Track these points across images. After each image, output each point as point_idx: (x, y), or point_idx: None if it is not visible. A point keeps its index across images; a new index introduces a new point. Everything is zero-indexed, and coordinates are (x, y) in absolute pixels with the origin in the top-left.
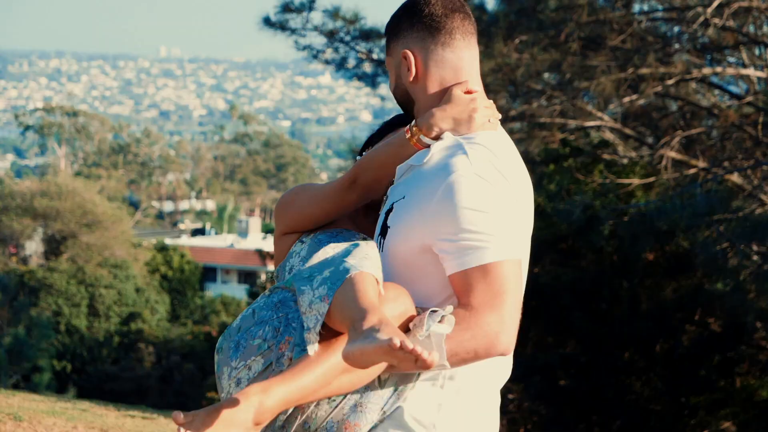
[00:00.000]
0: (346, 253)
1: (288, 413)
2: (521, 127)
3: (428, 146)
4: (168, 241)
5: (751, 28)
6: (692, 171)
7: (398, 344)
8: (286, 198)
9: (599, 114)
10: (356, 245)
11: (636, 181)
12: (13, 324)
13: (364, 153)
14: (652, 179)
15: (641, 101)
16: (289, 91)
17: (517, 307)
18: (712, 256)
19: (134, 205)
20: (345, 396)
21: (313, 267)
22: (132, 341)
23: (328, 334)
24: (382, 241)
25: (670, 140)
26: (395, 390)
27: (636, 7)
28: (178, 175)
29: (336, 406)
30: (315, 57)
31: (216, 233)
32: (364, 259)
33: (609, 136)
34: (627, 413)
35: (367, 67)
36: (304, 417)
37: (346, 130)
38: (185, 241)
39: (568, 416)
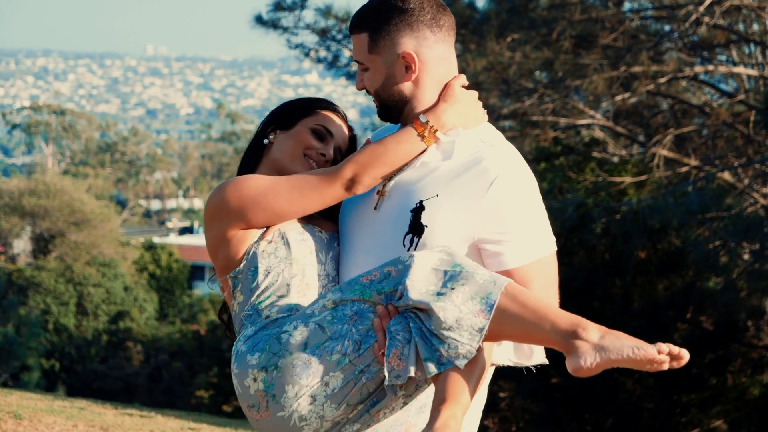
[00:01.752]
0: (450, 261)
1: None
2: (513, 125)
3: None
4: (156, 239)
5: (741, 26)
6: (684, 169)
7: (667, 350)
8: (247, 191)
9: (591, 112)
10: (438, 249)
11: (628, 179)
12: (1, 323)
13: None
14: (644, 177)
15: (633, 99)
16: (276, 90)
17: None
18: (704, 254)
19: (121, 204)
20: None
21: (415, 279)
22: (120, 340)
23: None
24: (416, 239)
25: (662, 138)
26: None
27: (627, 5)
28: (166, 173)
29: (406, 409)
30: (307, 55)
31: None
32: (477, 265)
33: (599, 134)
34: (619, 411)
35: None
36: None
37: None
38: (173, 239)
39: (561, 414)
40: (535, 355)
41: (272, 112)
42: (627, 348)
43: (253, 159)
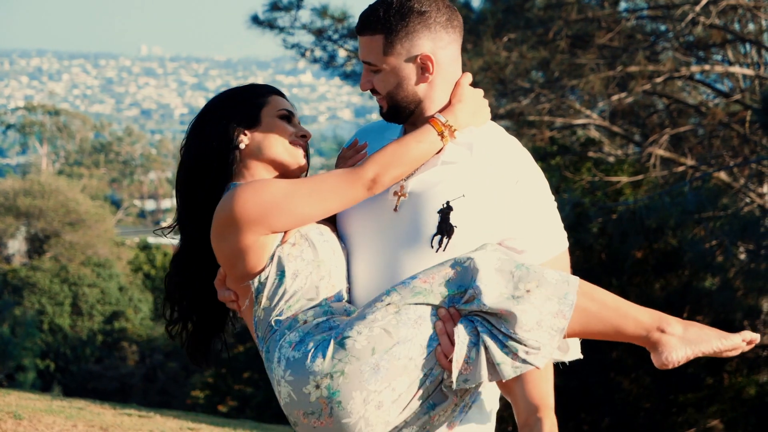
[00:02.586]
0: (509, 260)
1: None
2: (509, 125)
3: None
4: (151, 239)
5: (737, 26)
6: (680, 169)
7: (749, 338)
8: (269, 197)
9: (587, 112)
10: (492, 248)
11: (624, 178)
12: None
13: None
14: (640, 177)
15: (629, 99)
16: None
17: None
18: (701, 253)
19: (116, 204)
20: None
21: (486, 282)
22: (115, 340)
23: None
24: (445, 240)
25: (658, 138)
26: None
27: (623, 5)
28: (160, 173)
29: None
30: (303, 55)
31: None
32: (538, 264)
33: (595, 134)
34: (616, 411)
35: (356, 66)
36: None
37: (328, 129)
38: (168, 239)
39: (557, 414)
40: (571, 350)
41: (218, 115)
42: (715, 340)
43: (223, 167)
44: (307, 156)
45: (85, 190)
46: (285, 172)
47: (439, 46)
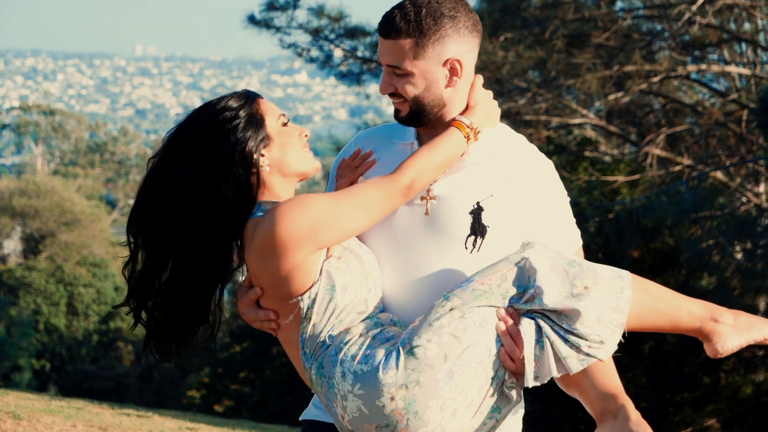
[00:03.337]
0: (560, 257)
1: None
2: (506, 124)
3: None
4: None
5: (733, 26)
6: (677, 168)
7: None
8: (315, 214)
9: (584, 111)
10: (541, 246)
11: (621, 178)
12: None
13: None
14: (637, 176)
15: (626, 99)
16: (266, 90)
17: None
18: (698, 253)
19: (111, 204)
20: None
21: (545, 281)
22: (111, 340)
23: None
24: (479, 241)
25: (654, 137)
26: None
27: (618, 5)
28: None
29: None
30: (299, 55)
31: None
32: (588, 261)
33: (591, 133)
34: None
35: (351, 65)
36: None
37: (323, 129)
38: None
39: (554, 414)
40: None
41: (225, 138)
42: (764, 327)
43: (248, 192)
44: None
45: (80, 190)
46: (303, 179)
47: (465, 50)
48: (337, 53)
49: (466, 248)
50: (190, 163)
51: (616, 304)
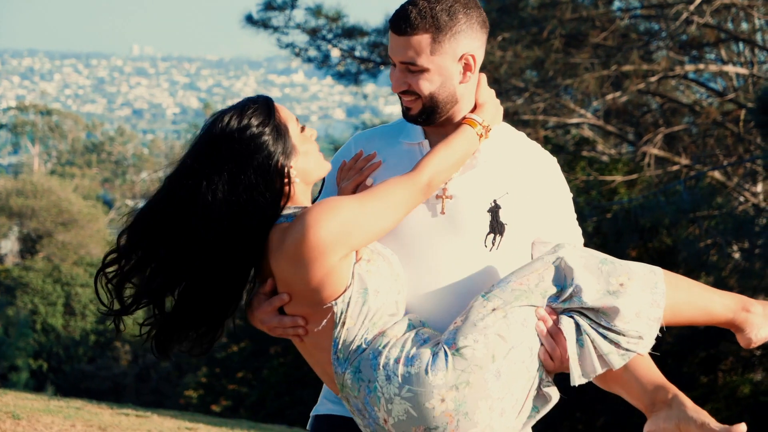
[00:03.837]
0: (591, 255)
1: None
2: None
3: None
4: None
5: (730, 25)
6: (675, 168)
7: None
8: (347, 216)
9: (582, 111)
10: (570, 246)
11: (619, 178)
12: None
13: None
14: (635, 176)
15: (623, 98)
16: (263, 90)
17: None
18: (695, 252)
19: (108, 204)
20: None
21: (583, 279)
22: (108, 340)
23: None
24: (498, 238)
25: (652, 137)
26: None
27: (616, 4)
28: (152, 173)
29: None
30: (297, 55)
31: None
32: (623, 260)
33: (588, 133)
34: (610, 410)
35: (348, 65)
36: None
37: (320, 128)
38: None
39: (552, 413)
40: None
41: (264, 155)
42: None
43: (278, 203)
44: None
45: (77, 190)
46: (317, 183)
47: (477, 45)
48: (335, 53)
49: (486, 246)
50: (224, 182)
51: (653, 299)
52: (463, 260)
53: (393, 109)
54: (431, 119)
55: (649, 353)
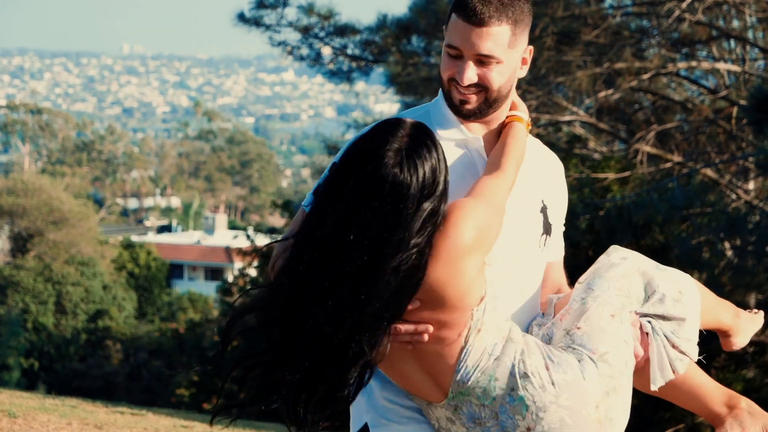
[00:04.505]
0: (652, 261)
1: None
2: None
3: None
4: (134, 238)
5: (722, 23)
6: (667, 165)
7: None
8: (480, 221)
9: (574, 108)
10: (624, 253)
11: (612, 175)
12: None
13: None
14: (627, 174)
15: (616, 96)
16: (253, 88)
17: None
18: (688, 250)
19: (99, 203)
20: None
21: (661, 286)
22: (99, 338)
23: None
24: (547, 239)
25: (645, 135)
26: None
27: (608, 2)
28: (143, 172)
29: None
30: (289, 53)
31: (182, 230)
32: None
33: (581, 131)
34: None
35: (340, 63)
36: None
37: (310, 127)
38: (151, 238)
39: None
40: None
41: (443, 182)
42: (754, 323)
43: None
44: None
45: (67, 189)
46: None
47: (528, 39)
48: (326, 51)
49: (539, 247)
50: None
51: (692, 307)
52: (521, 261)
53: (383, 107)
54: (485, 113)
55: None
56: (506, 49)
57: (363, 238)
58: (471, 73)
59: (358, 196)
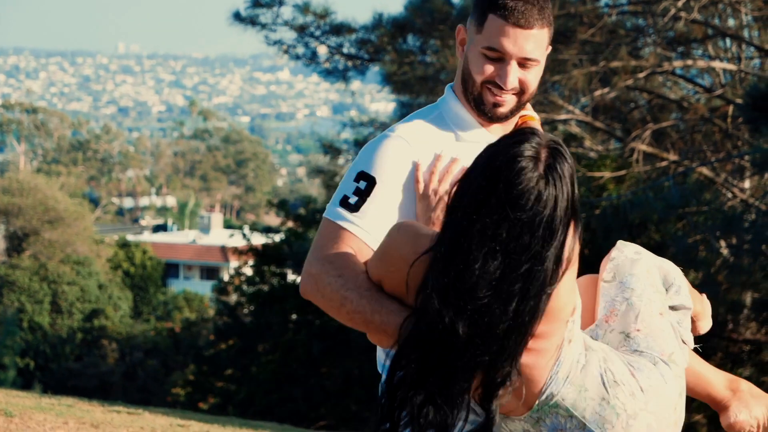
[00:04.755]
0: (654, 259)
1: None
2: None
3: None
4: (130, 237)
5: (718, 21)
6: (663, 164)
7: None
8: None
9: (569, 107)
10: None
11: (607, 174)
12: None
13: None
14: (623, 172)
15: (611, 95)
16: (248, 87)
17: None
18: (684, 248)
19: (94, 202)
20: None
21: (677, 280)
22: (95, 338)
23: None
24: None
25: (640, 133)
26: None
27: (603, 1)
28: (138, 171)
29: None
30: (285, 52)
31: (177, 229)
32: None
33: (576, 129)
34: None
35: (336, 62)
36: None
37: (306, 126)
38: (147, 237)
39: None
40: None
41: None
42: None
43: None
44: None
45: (63, 188)
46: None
47: None
48: (322, 50)
49: None
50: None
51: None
52: None
53: (379, 106)
54: (514, 115)
55: None
56: (544, 52)
57: (518, 254)
58: (513, 76)
59: (506, 210)
